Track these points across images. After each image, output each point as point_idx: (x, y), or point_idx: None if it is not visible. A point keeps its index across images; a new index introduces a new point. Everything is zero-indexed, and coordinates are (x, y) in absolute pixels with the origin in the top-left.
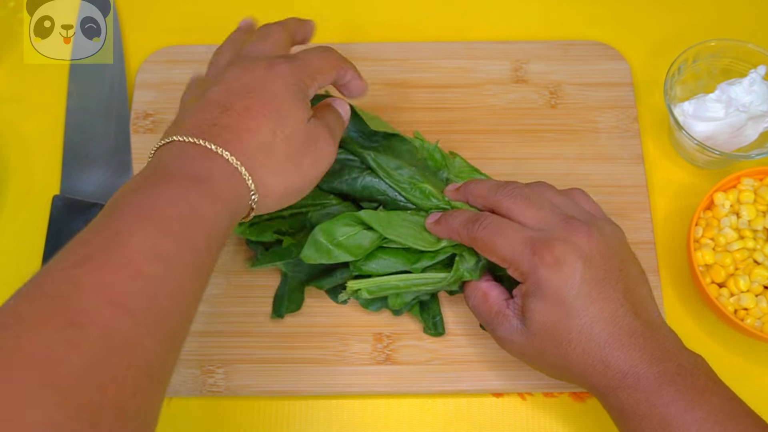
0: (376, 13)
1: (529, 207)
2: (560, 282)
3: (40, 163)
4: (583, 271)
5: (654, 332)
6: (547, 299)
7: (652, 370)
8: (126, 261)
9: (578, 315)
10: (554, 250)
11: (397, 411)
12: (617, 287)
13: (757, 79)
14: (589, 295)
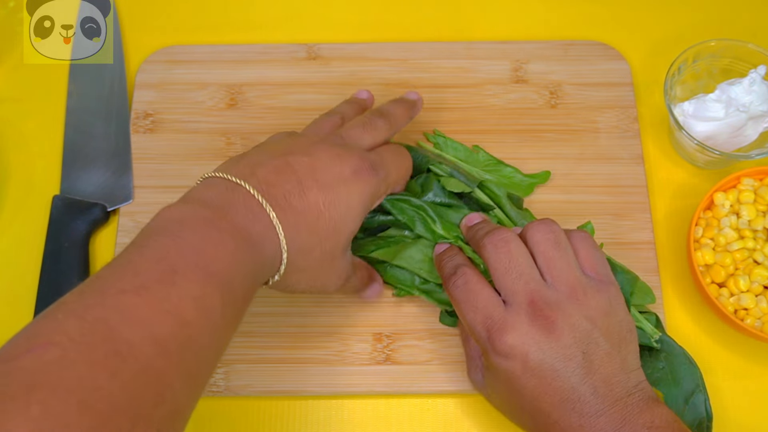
0: (376, 13)
1: (507, 273)
2: (508, 370)
3: (40, 163)
4: (534, 361)
5: (612, 406)
6: (498, 380)
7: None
8: (175, 304)
9: (528, 397)
10: (507, 339)
11: (397, 411)
12: (574, 374)
13: (757, 79)
14: (539, 383)
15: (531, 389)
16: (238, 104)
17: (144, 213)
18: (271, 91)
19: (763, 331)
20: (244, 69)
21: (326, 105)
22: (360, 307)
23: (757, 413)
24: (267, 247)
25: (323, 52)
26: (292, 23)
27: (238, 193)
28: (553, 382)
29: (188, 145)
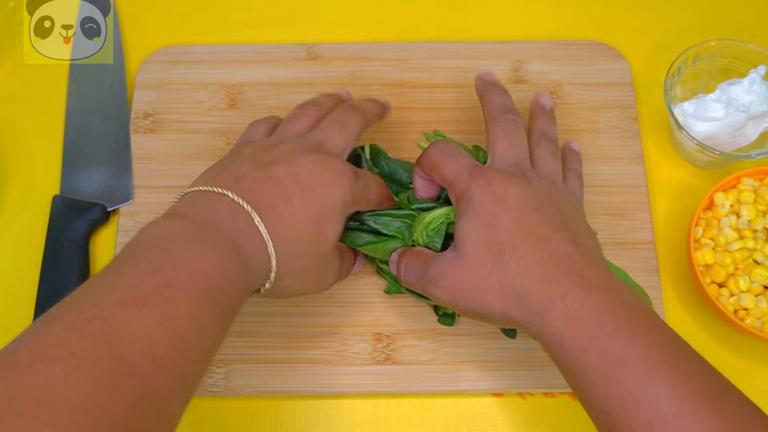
0: (376, 13)
1: (505, 140)
2: (490, 198)
3: (40, 163)
4: (515, 196)
5: (594, 264)
6: (477, 216)
7: (592, 297)
8: (171, 320)
9: (509, 230)
10: (488, 175)
11: (397, 411)
12: (553, 219)
13: (757, 79)
14: (519, 214)
15: (512, 222)
16: (238, 104)
17: (144, 213)
18: (271, 91)
19: (763, 331)
20: (244, 69)
21: None
22: (360, 307)
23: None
24: (256, 256)
25: (323, 52)
26: (292, 23)
27: (223, 204)
28: (533, 217)
29: (188, 145)
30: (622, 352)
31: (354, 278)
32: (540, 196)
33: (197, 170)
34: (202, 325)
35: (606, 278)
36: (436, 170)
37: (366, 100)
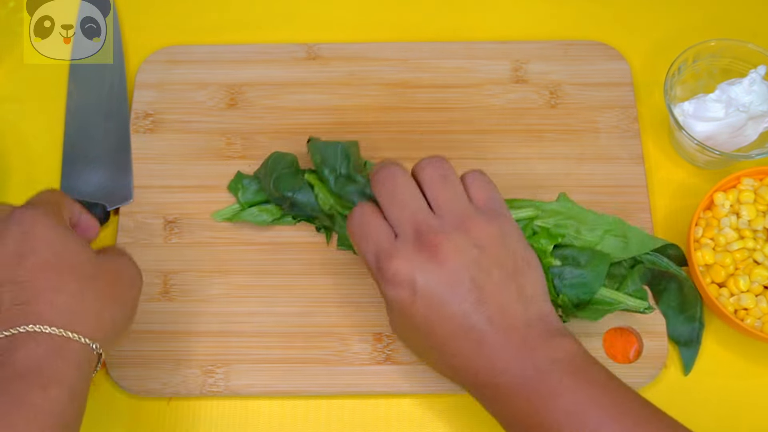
0: (376, 13)
1: (391, 203)
2: (398, 299)
3: (40, 163)
4: (422, 288)
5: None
6: (393, 312)
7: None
8: None
9: (423, 327)
10: (392, 267)
11: (397, 411)
12: (465, 301)
13: (757, 79)
14: (428, 310)
15: (423, 318)
16: (238, 104)
17: (144, 213)
18: (271, 91)
19: (763, 331)
20: (244, 69)
21: (326, 105)
22: (360, 307)
23: (758, 413)
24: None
25: (323, 52)
26: (292, 23)
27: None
28: (442, 308)
29: (188, 145)
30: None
31: (354, 278)
32: (449, 269)
33: (197, 170)
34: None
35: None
36: (354, 244)
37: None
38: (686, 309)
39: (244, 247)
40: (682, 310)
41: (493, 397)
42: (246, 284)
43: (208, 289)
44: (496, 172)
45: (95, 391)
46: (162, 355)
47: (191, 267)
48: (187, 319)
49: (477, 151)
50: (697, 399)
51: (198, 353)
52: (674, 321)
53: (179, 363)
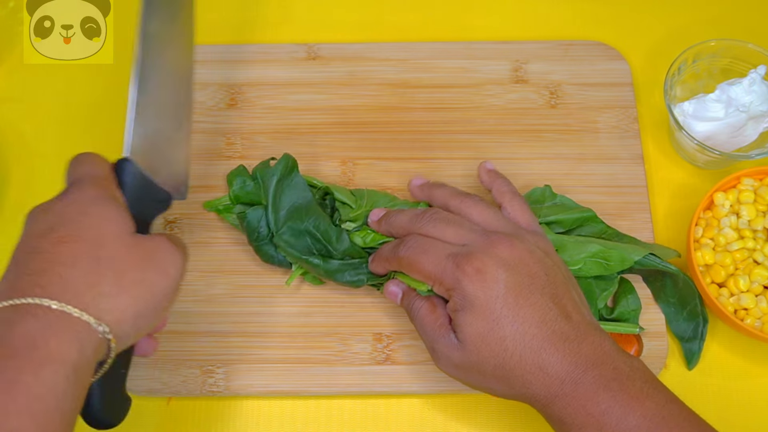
0: (376, 13)
1: (449, 227)
2: (485, 292)
3: (40, 163)
4: (507, 279)
5: (588, 335)
6: (475, 310)
7: (588, 375)
8: None
9: (509, 322)
10: (475, 261)
11: (397, 411)
12: (544, 292)
13: (757, 79)
14: (516, 301)
15: (511, 313)
16: (238, 104)
17: None
18: (271, 91)
19: (763, 331)
20: (244, 69)
21: (326, 105)
22: (360, 307)
23: (758, 413)
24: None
25: (323, 52)
26: (292, 23)
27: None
28: (528, 298)
29: None
30: (617, 425)
31: None
32: (526, 263)
33: (197, 170)
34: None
35: (599, 349)
36: (416, 270)
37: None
38: (686, 304)
39: (244, 247)
40: (683, 306)
41: (566, 404)
42: (246, 284)
43: (208, 289)
44: None
45: None
46: (162, 355)
47: (191, 267)
48: (187, 319)
49: (477, 151)
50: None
51: (198, 353)
52: (676, 317)
53: (179, 363)
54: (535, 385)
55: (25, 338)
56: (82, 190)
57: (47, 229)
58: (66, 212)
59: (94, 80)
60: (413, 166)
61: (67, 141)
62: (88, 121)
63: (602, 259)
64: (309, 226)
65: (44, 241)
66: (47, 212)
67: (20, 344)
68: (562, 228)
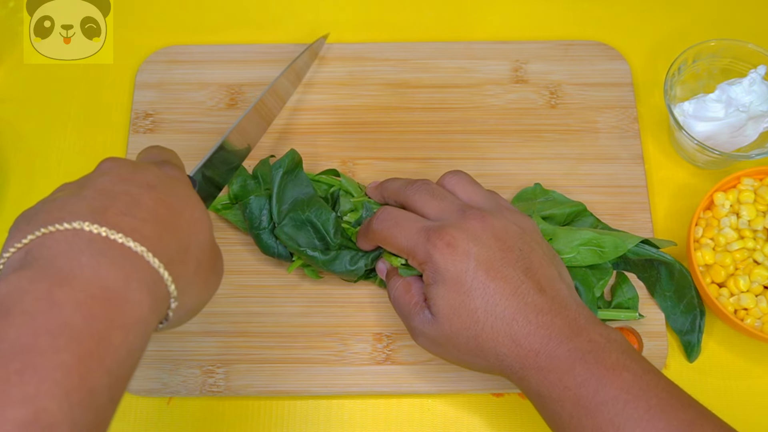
0: (376, 13)
1: (432, 199)
2: (455, 264)
3: (40, 163)
4: (477, 253)
5: (563, 309)
6: (446, 283)
7: (563, 347)
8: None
9: (480, 294)
10: (446, 235)
11: (397, 411)
12: (517, 266)
13: (757, 79)
14: (486, 274)
15: (481, 285)
16: (238, 104)
17: None
18: None
19: (763, 331)
20: (244, 69)
21: (326, 105)
22: (360, 307)
23: (758, 413)
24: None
25: (323, 52)
26: (292, 23)
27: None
28: (500, 271)
29: (188, 145)
30: (594, 398)
31: None
32: (499, 237)
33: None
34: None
35: (574, 322)
36: (388, 242)
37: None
38: (683, 296)
39: (244, 247)
40: (680, 298)
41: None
42: (246, 284)
43: None
44: (496, 172)
45: None
46: (162, 355)
47: None
48: None
49: (477, 151)
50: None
51: (198, 353)
52: (674, 311)
53: (179, 363)
54: (509, 357)
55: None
56: (181, 174)
57: (146, 184)
58: (170, 181)
59: (94, 80)
60: (413, 166)
61: (67, 141)
62: (88, 121)
63: (596, 246)
64: (311, 216)
65: (145, 193)
66: (145, 170)
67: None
68: (556, 223)
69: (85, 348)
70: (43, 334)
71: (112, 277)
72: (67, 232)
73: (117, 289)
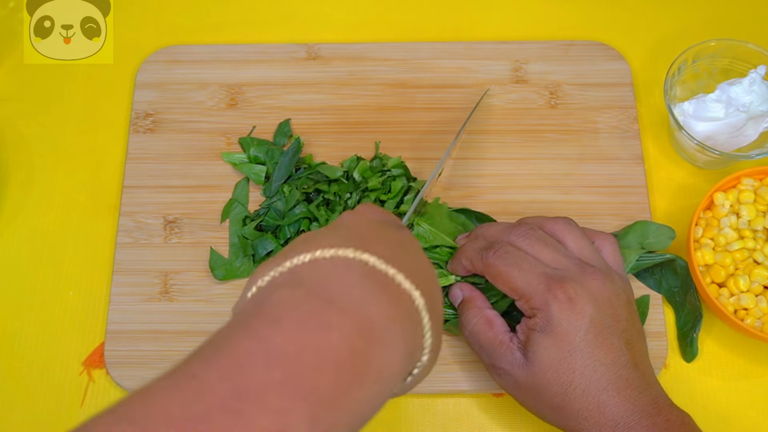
0: (376, 13)
1: (546, 248)
2: (570, 321)
3: (40, 163)
4: (593, 314)
5: (649, 387)
6: (555, 336)
7: (643, 423)
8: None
9: (582, 356)
10: (568, 289)
11: (397, 411)
12: (622, 337)
13: (757, 79)
14: (595, 338)
15: (587, 348)
16: (238, 104)
17: (144, 213)
18: (271, 91)
19: (763, 331)
20: (244, 69)
21: (326, 105)
22: None
23: (757, 413)
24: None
25: (323, 52)
26: (292, 23)
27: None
28: (607, 338)
29: (188, 145)
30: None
31: None
32: (612, 303)
33: (197, 170)
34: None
35: (656, 401)
36: (503, 281)
37: None
38: (688, 288)
39: None
40: (686, 291)
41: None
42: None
43: (208, 289)
44: (496, 172)
45: (95, 390)
46: (162, 355)
47: (191, 267)
48: (187, 319)
49: (477, 151)
50: (697, 399)
51: None
52: (682, 306)
53: None
54: (589, 422)
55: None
56: (415, 240)
57: (395, 239)
58: (411, 245)
59: (94, 80)
60: (413, 166)
61: (67, 141)
62: (88, 121)
63: None
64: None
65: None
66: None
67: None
68: None
69: (342, 379)
70: (310, 350)
71: (380, 317)
72: (337, 260)
73: (382, 330)
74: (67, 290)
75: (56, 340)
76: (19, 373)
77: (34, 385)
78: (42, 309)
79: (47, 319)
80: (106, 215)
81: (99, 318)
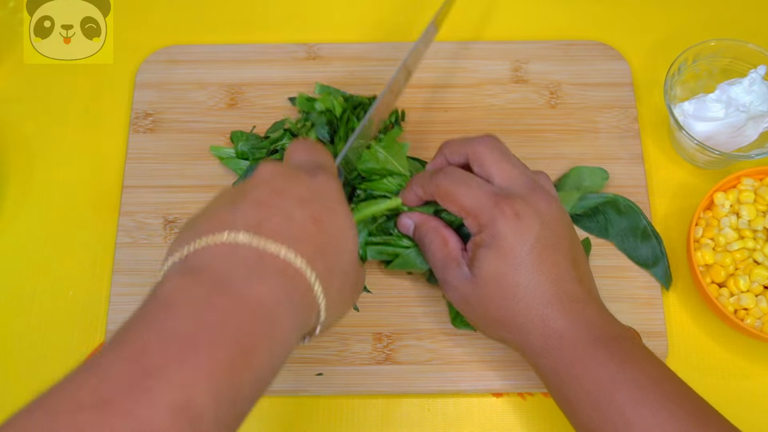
0: (376, 13)
1: (504, 160)
2: (516, 236)
3: (40, 163)
4: (539, 231)
5: (593, 303)
6: (500, 250)
7: (589, 333)
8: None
9: (527, 270)
10: (515, 205)
11: (397, 411)
12: (567, 255)
13: (757, 79)
14: (540, 254)
15: (532, 263)
16: (238, 104)
17: (144, 213)
18: (271, 91)
19: (763, 331)
20: (244, 69)
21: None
22: (360, 307)
23: (758, 413)
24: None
25: (323, 52)
26: (292, 23)
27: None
28: (551, 256)
29: (188, 145)
30: (613, 376)
31: None
32: (559, 224)
33: (197, 170)
34: (194, 417)
35: (601, 316)
36: (452, 200)
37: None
38: (636, 227)
39: None
40: (634, 230)
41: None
42: None
43: None
44: None
45: None
46: None
47: None
48: None
49: None
50: None
51: None
52: (633, 246)
53: None
54: (534, 334)
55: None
56: (332, 182)
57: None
58: (321, 193)
59: (94, 80)
60: None
61: (67, 141)
62: (88, 121)
63: None
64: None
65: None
66: (298, 182)
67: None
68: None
69: (236, 350)
70: (202, 329)
71: (266, 294)
72: (225, 246)
73: (269, 306)
74: (67, 290)
75: (56, 340)
76: (19, 373)
77: (34, 385)
78: (42, 309)
79: (47, 319)
80: (106, 215)
81: (99, 318)
